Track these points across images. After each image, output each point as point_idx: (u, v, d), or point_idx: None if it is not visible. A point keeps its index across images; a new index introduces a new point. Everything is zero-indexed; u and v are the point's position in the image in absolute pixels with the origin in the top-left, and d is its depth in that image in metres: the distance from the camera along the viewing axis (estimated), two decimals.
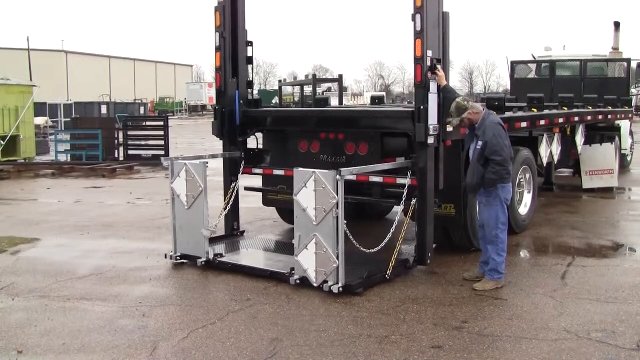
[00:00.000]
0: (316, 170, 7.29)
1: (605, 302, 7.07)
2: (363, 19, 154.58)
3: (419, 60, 7.73)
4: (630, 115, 17.84)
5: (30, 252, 9.91)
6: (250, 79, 9.94)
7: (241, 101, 9.55)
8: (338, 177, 7.05)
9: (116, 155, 23.32)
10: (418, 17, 7.68)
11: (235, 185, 9.48)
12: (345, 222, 7.16)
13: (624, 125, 17.67)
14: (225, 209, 9.46)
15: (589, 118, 13.91)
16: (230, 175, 9.59)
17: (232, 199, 9.41)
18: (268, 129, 10.01)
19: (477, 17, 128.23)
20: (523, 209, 10.71)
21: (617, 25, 20.76)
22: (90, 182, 18.48)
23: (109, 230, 11.39)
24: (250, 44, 9.82)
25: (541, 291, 7.45)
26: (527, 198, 10.84)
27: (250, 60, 9.83)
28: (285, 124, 10.01)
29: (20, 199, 15.73)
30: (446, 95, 7.90)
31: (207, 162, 8.67)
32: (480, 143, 7.47)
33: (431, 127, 7.74)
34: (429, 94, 7.74)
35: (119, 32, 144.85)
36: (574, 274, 8.19)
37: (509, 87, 21.06)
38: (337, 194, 7.05)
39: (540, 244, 10.02)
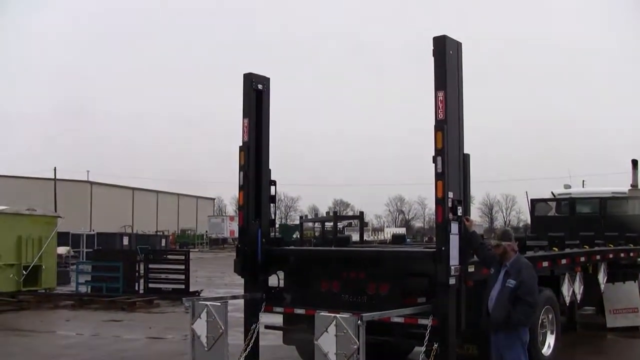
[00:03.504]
0: (337, 315, 7.26)
1: None
2: (382, 154, 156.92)
3: (440, 201, 7.83)
4: None
5: None
6: (273, 217, 10.05)
7: (263, 240, 9.64)
8: (359, 322, 7.01)
9: (136, 288, 23.26)
10: (439, 159, 7.84)
11: (256, 326, 9.41)
12: None
13: None
14: (245, 350, 9.32)
15: (611, 256, 13.83)
16: (251, 316, 9.53)
17: (252, 341, 9.31)
18: (290, 268, 10.03)
19: (494, 150, 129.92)
20: (546, 350, 10.49)
21: (634, 163, 20.91)
22: (109, 314, 18.40)
23: None
24: (274, 182, 9.99)
25: None
26: (551, 339, 10.64)
27: (273, 199, 9.98)
28: (307, 263, 10.04)
29: (39, 330, 15.69)
30: (471, 240, 8.01)
31: (227, 302, 8.66)
32: (512, 282, 7.46)
33: (452, 267, 7.75)
34: (450, 235, 7.79)
35: (143, 163, 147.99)
36: None
37: (529, 222, 21.05)
38: (359, 339, 6.99)
39: None
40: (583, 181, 29.34)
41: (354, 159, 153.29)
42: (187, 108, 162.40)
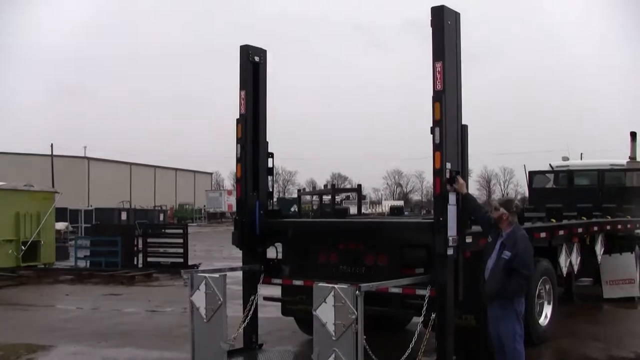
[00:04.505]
0: (335, 286, 7.27)
1: None
2: (381, 127, 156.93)
3: (438, 173, 7.80)
4: None
5: None
6: (271, 190, 10.02)
7: (261, 211, 9.63)
8: (357, 292, 7.03)
9: (135, 262, 23.34)
10: (437, 130, 7.79)
11: (254, 297, 9.43)
12: (365, 337, 7.10)
13: None
14: (244, 321, 9.34)
15: (608, 227, 13.87)
16: (249, 288, 9.54)
17: (251, 312, 9.35)
18: (288, 239, 10.04)
19: (493, 124, 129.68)
20: (543, 320, 10.58)
21: (633, 135, 20.86)
22: (108, 288, 18.48)
23: (127, 338, 11.33)
24: (271, 155, 9.94)
25: None
26: (547, 309, 10.72)
27: (270, 172, 9.95)
28: (305, 234, 10.05)
29: (39, 304, 15.75)
30: (466, 203, 7.98)
31: (226, 274, 8.67)
32: (507, 253, 7.50)
33: (450, 238, 7.74)
34: (448, 206, 7.78)
35: (141, 138, 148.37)
36: None
37: (526, 195, 21.07)
38: (357, 309, 7.01)
39: (560, 356, 9.86)
40: (581, 154, 29.34)
41: (352, 132, 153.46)
42: (186, 85, 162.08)
